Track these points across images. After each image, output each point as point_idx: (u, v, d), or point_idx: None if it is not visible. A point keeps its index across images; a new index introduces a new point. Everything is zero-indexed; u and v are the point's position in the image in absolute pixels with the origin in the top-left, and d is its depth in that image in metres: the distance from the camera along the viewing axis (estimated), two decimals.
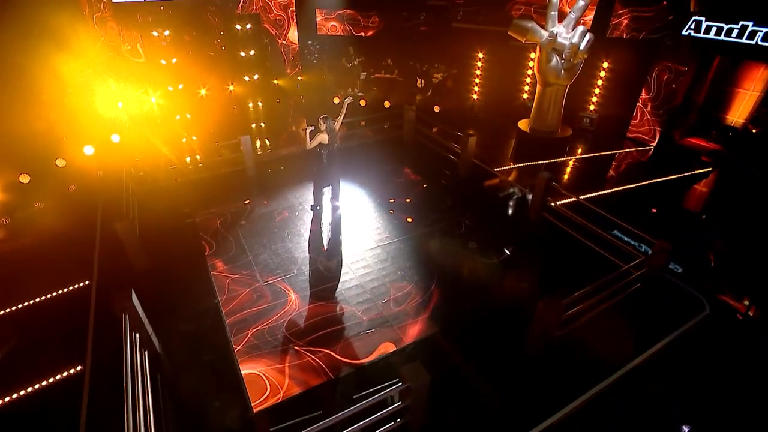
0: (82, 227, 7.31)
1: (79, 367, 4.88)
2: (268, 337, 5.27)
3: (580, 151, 10.92)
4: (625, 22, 10.52)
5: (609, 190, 8.89)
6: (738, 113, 10.73)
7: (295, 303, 5.79)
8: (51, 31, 10.34)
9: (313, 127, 6.97)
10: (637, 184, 9.15)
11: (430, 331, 5.35)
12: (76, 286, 5.93)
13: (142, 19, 11.91)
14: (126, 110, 12.08)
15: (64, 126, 10.57)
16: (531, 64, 12.06)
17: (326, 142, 7.03)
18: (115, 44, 11.76)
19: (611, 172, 10.06)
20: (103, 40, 11.54)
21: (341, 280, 6.21)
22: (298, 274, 6.34)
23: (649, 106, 10.99)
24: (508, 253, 6.68)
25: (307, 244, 7.04)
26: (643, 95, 11.03)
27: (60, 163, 9.75)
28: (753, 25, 8.96)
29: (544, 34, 9.74)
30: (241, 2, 13.03)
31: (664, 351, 5.09)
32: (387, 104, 12.71)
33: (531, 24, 9.73)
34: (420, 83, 13.67)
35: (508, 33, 9.97)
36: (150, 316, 4.85)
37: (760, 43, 8.95)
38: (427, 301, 5.80)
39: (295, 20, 13.82)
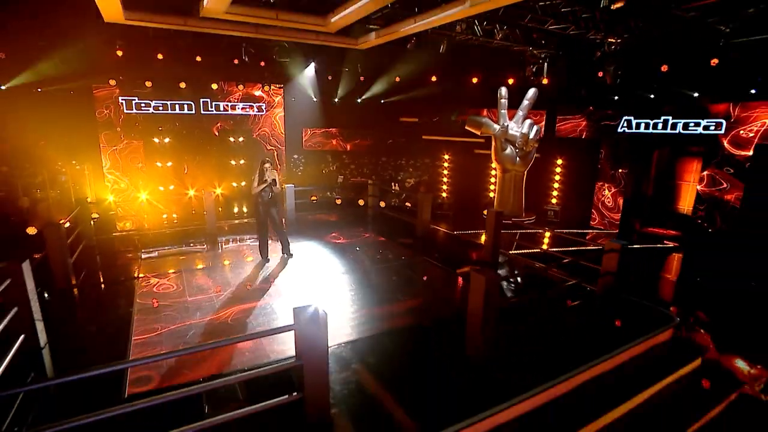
0: None
1: None
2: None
3: (548, 234, 10.97)
4: (584, 123, 11.80)
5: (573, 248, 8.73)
6: (687, 203, 11.24)
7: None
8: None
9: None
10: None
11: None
12: None
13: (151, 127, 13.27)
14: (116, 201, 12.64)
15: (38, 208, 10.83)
16: (494, 164, 13.06)
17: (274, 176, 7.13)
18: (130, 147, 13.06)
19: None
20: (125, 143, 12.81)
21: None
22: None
23: (620, 200, 11.65)
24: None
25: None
26: (612, 189, 11.67)
27: None
28: (672, 119, 10.09)
29: (497, 126, 10.88)
30: (252, 118, 14.66)
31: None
32: (361, 202, 13.25)
33: (484, 119, 10.97)
34: (395, 187, 14.50)
35: (466, 127, 11.14)
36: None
37: (681, 132, 9.95)
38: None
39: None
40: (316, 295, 6.12)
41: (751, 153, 9.28)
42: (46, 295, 5.59)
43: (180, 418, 3.03)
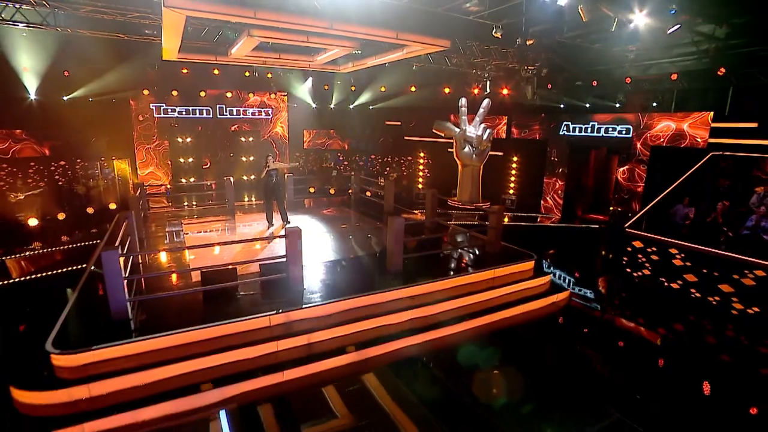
0: None
1: None
2: None
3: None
4: (536, 127, 14.82)
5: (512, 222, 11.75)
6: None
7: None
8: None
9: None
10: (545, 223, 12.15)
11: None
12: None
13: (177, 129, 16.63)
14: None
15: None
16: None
17: (275, 166, 10.36)
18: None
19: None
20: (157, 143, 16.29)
21: None
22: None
23: None
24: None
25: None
26: (560, 182, 14.59)
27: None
28: (597, 124, 13.13)
29: (457, 130, 14.00)
30: (263, 121, 18.05)
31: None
32: (350, 191, 16.42)
33: (447, 124, 14.10)
34: (380, 181, 17.66)
35: (433, 130, 14.23)
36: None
37: (604, 135, 12.98)
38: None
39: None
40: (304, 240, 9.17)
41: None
42: None
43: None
